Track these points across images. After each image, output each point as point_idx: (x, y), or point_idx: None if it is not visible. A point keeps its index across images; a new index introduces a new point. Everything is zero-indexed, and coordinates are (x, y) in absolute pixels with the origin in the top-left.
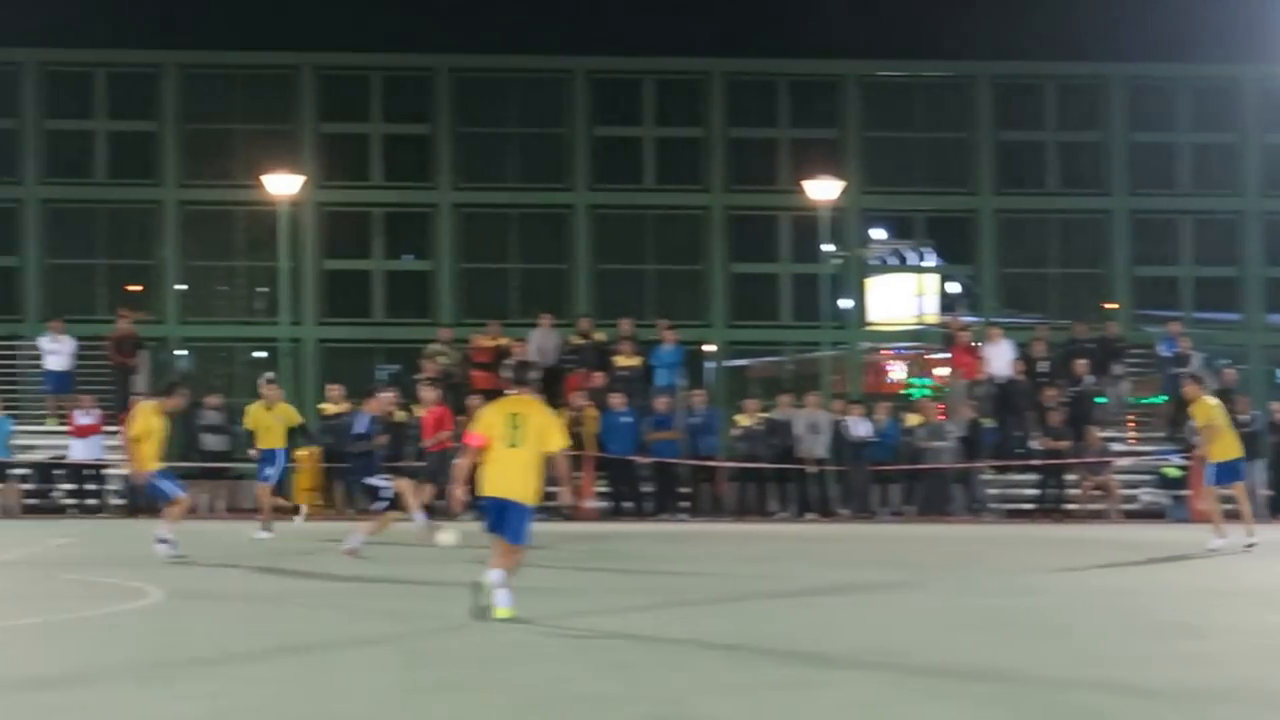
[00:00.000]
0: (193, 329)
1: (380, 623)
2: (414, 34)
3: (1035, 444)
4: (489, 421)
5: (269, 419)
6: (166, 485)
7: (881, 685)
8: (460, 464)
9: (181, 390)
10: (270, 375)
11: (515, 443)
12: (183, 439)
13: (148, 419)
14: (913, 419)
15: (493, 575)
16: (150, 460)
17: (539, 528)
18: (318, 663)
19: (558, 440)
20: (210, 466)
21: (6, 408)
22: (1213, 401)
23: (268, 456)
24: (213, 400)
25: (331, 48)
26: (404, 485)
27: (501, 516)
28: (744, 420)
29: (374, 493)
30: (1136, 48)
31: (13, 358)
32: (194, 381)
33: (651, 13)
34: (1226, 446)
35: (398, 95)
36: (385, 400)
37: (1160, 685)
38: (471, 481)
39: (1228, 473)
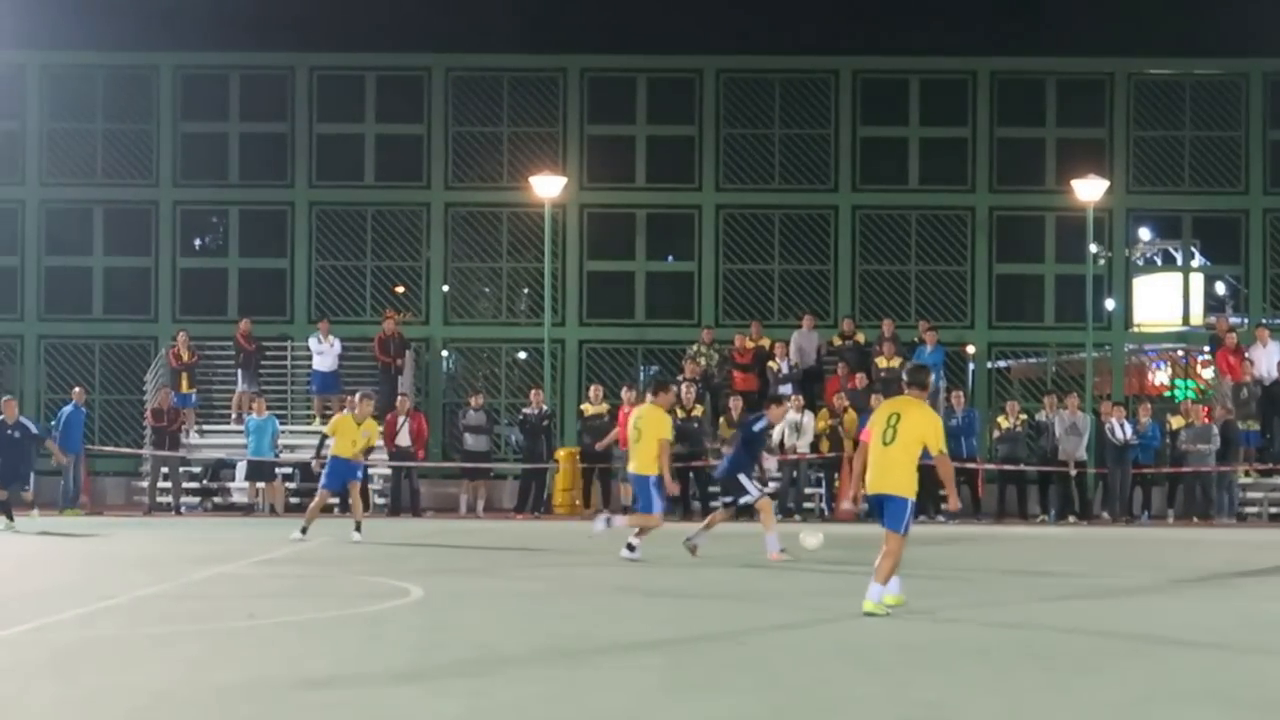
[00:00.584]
0: (457, 330)
1: (650, 626)
2: (679, 35)
3: None
4: (874, 420)
5: (355, 432)
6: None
7: (1141, 686)
8: (855, 462)
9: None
10: (367, 390)
11: (889, 440)
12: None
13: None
14: (1176, 421)
15: (872, 590)
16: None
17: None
18: (580, 662)
19: (935, 441)
20: (471, 466)
21: (273, 407)
22: None
23: (337, 467)
24: (476, 401)
25: (596, 50)
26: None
27: (881, 510)
28: (1005, 422)
29: (739, 489)
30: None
31: (282, 358)
32: (457, 382)
33: (917, 13)
34: None
35: (663, 97)
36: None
37: None
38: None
39: None
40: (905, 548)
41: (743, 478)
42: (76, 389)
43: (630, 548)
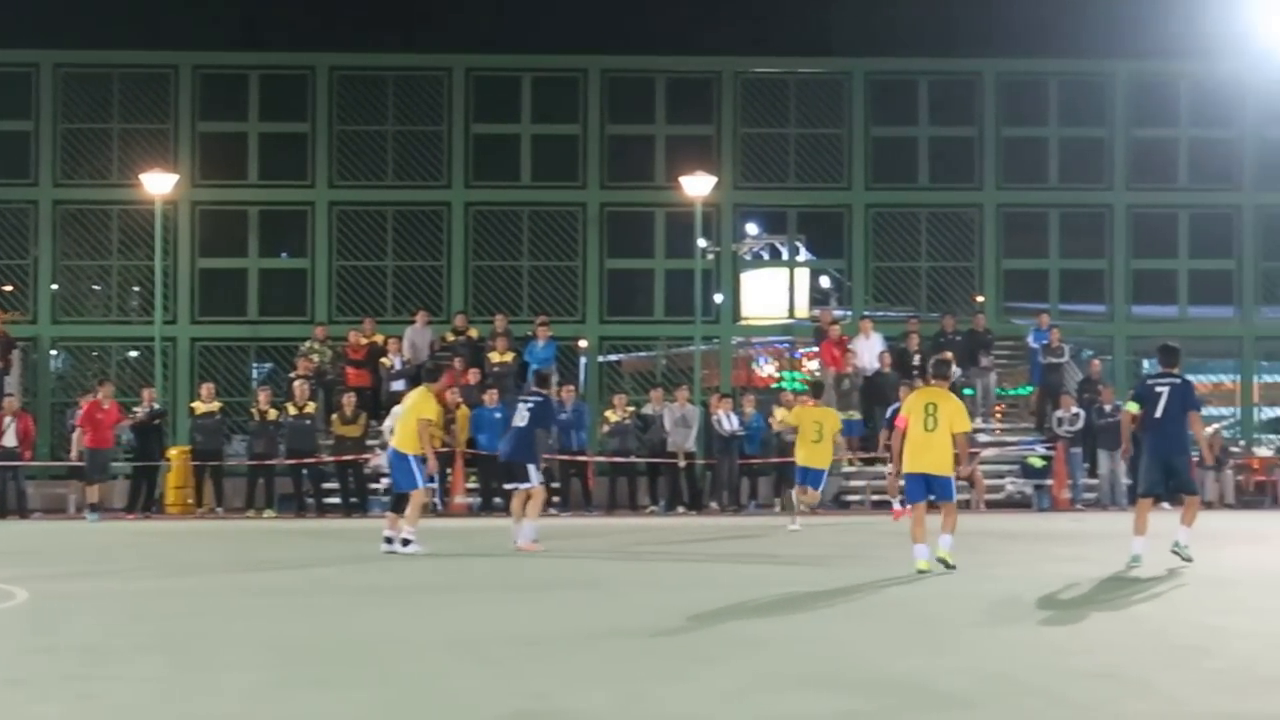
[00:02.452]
0: (66, 329)
1: (263, 623)
2: (294, 32)
3: None
4: (910, 407)
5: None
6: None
7: (748, 674)
8: (894, 445)
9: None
10: None
11: (930, 427)
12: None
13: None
14: (780, 413)
15: (943, 540)
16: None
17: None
18: (190, 663)
19: (963, 424)
20: (81, 466)
21: None
22: None
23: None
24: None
25: (209, 47)
26: None
27: (930, 487)
28: (613, 415)
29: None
30: (1006, 43)
31: None
32: (67, 382)
33: (532, 10)
34: None
35: (276, 94)
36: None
37: (1020, 670)
38: None
39: None
40: None
41: (531, 466)
42: None
43: (405, 542)
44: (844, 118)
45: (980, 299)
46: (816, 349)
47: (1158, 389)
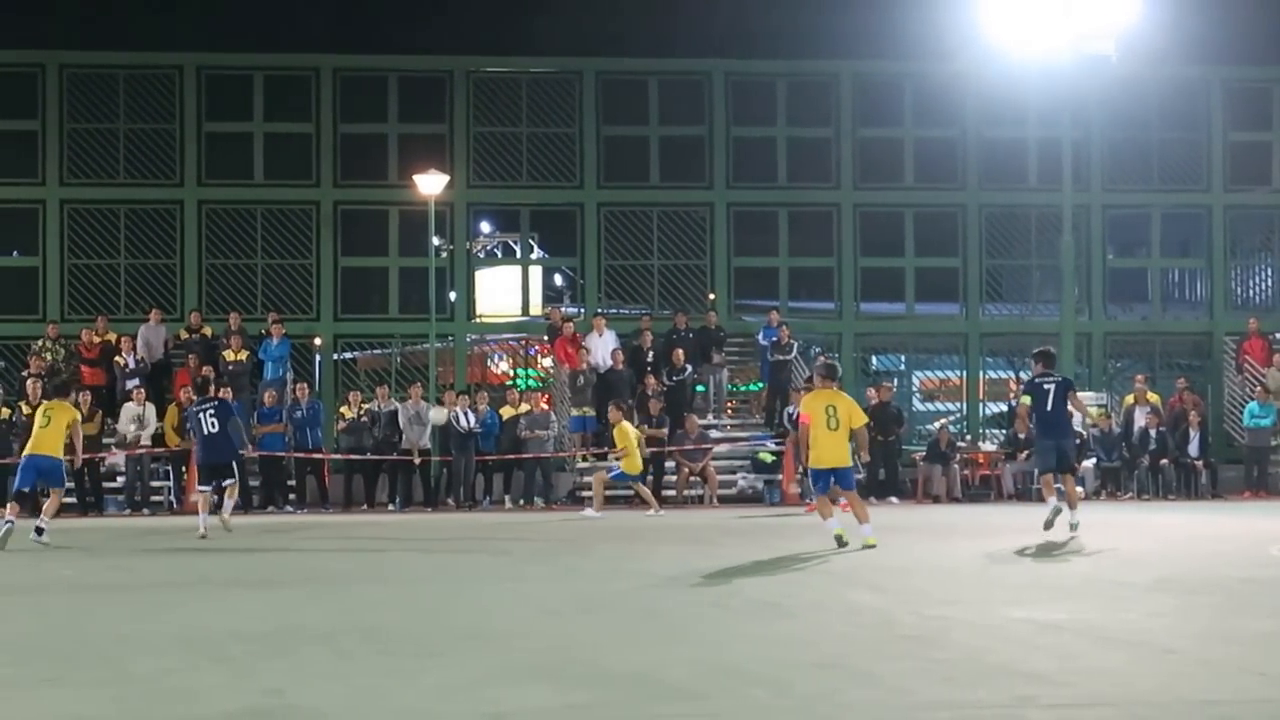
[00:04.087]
0: None
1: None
2: (16, 28)
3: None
4: (812, 409)
5: None
6: None
7: (478, 669)
8: (801, 441)
9: None
10: None
11: (833, 426)
12: None
13: None
14: (508, 410)
15: (865, 529)
16: None
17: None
18: None
19: (860, 419)
20: None
21: None
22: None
23: None
24: None
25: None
26: None
27: (835, 479)
28: (348, 412)
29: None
30: (735, 44)
31: None
32: None
33: (263, 10)
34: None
35: (5, 91)
36: None
37: (747, 662)
38: None
39: None
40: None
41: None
42: None
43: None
44: (575, 117)
45: (712, 296)
46: (551, 345)
47: (1045, 386)
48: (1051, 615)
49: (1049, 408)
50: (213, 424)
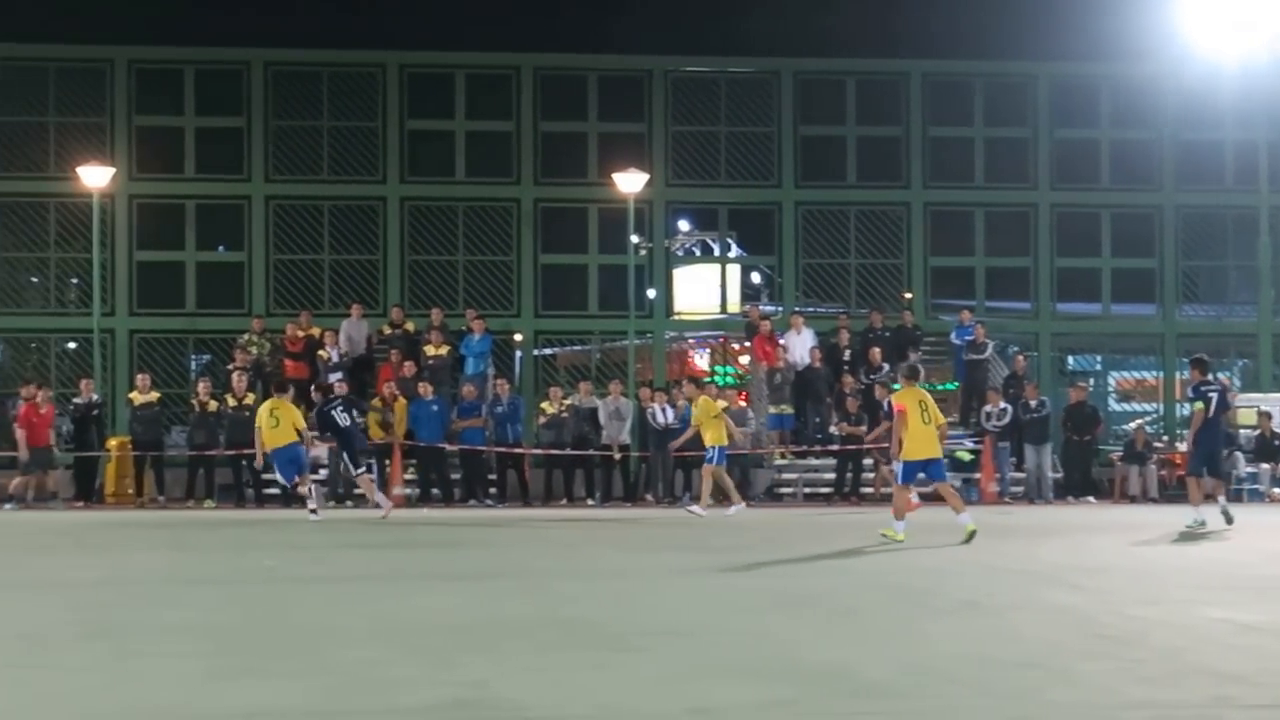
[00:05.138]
0: (4, 320)
1: (196, 612)
2: (227, 29)
3: (833, 430)
4: (908, 405)
5: None
6: None
7: (678, 664)
8: (896, 433)
9: None
10: None
11: (926, 421)
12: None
13: None
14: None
15: (962, 518)
16: None
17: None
18: (125, 651)
19: (943, 417)
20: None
21: None
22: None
23: None
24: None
25: (143, 42)
26: None
27: (927, 471)
28: (549, 408)
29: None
30: (933, 45)
31: None
32: (5, 373)
33: (465, 9)
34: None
35: (210, 87)
36: None
37: (947, 661)
38: None
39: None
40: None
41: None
42: None
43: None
44: (774, 116)
45: (908, 295)
46: (749, 344)
47: (1210, 393)
48: (1249, 616)
49: (1210, 414)
50: (345, 419)
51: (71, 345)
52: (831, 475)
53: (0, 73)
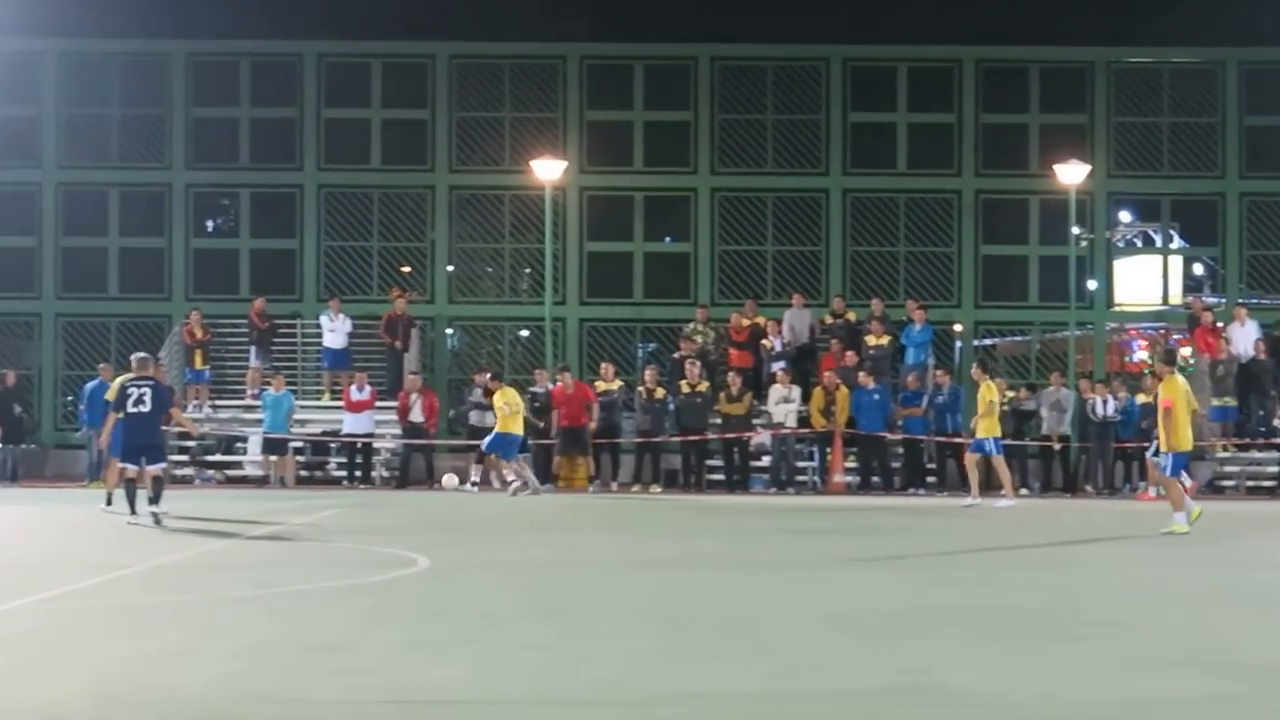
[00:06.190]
0: (461, 309)
1: (641, 595)
2: (675, 24)
3: (1278, 423)
4: (1175, 395)
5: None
6: None
7: (1116, 655)
8: (1172, 420)
9: None
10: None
11: (1189, 411)
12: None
13: None
14: (1143, 397)
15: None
16: None
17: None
18: (576, 630)
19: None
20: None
21: (288, 383)
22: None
23: None
24: (481, 378)
25: (595, 39)
26: None
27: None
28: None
29: None
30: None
31: (292, 335)
32: (462, 360)
33: (905, 2)
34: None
35: (660, 84)
36: None
37: None
38: None
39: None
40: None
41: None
42: (103, 365)
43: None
44: (1218, 106)
45: None
46: (1189, 336)
47: None
48: None
49: None
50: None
51: (524, 333)
52: (1276, 469)
53: (460, 71)
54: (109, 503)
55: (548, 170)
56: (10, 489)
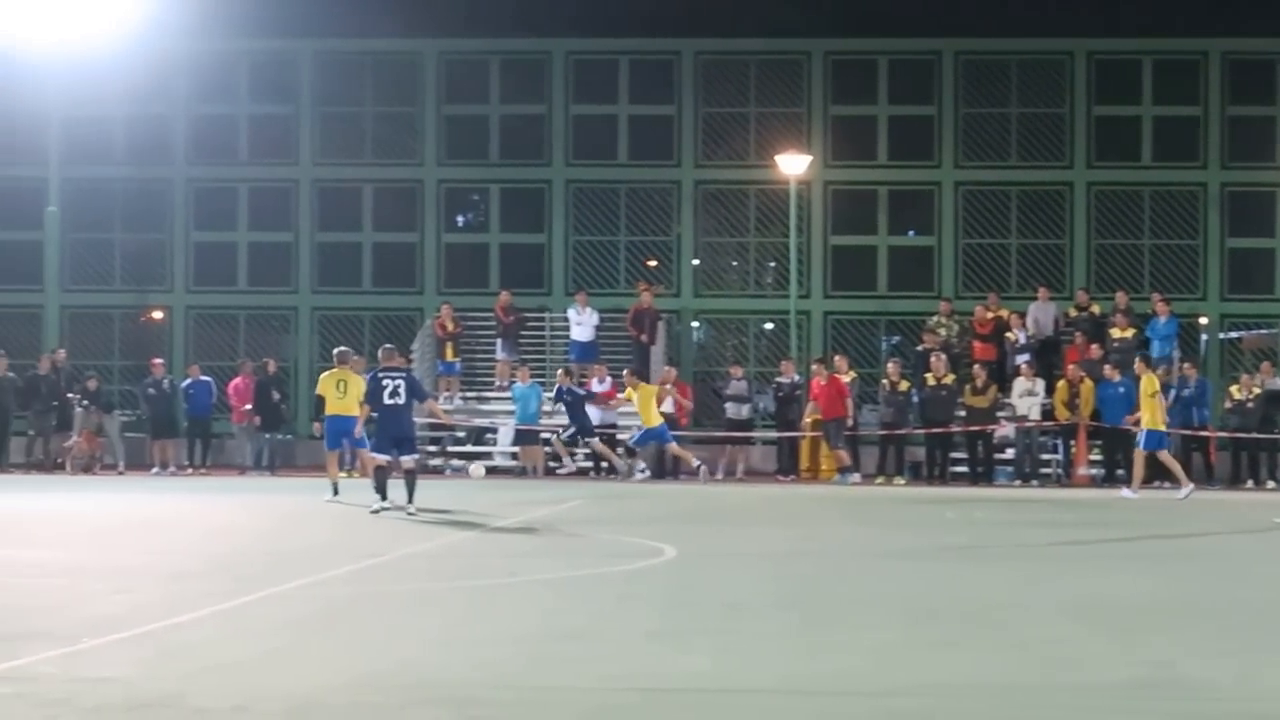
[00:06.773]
0: (706, 302)
1: (884, 585)
2: (919, 19)
3: None
4: None
5: None
6: None
7: None
8: None
9: None
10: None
11: None
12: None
13: None
14: None
15: None
16: None
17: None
18: (820, 621)
19: None
20: (734, 435)
21: (534, 376)
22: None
23: None
24: (735, 371)
25: (839, 34)
26: None
27: None
28: (1237, 392)
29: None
30: None
31: (540, 328)
32: (707, 353)
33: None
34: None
35: (903, 78)
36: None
37: None
38: None
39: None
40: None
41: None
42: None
43: None
44: None
45: None
46: None
47: None
48: None
49: None
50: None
51: (768, 326)
52: None
53: (706, 67)
54: (335, 493)
55: (792, 165)
56: (267, 478)
